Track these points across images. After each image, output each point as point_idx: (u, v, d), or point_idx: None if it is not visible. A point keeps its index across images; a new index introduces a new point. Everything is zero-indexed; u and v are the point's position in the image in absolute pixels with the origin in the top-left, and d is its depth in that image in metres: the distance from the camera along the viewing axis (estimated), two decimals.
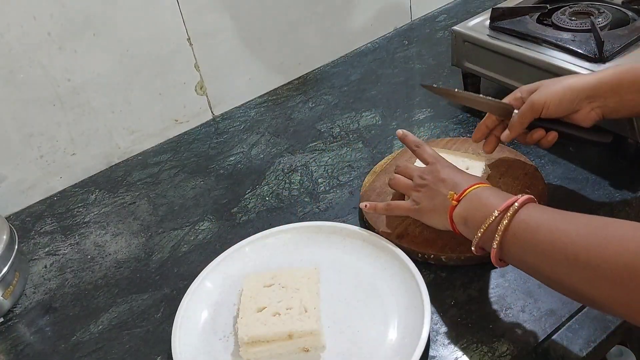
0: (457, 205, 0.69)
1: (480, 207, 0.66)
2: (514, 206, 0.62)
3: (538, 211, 0.62)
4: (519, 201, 0.62)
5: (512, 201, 0.62)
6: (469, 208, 0.68)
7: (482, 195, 0.67)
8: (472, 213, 0.67)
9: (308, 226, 0.82)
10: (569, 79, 0.77)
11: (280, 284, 0.72)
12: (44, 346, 0.77)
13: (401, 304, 0.71)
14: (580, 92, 0.74)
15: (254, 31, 1.13)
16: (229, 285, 0.77)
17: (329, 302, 0.73)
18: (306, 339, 0.67)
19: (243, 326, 0.67)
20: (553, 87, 0.76)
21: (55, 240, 0.93)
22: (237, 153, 1.05)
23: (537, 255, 0.59)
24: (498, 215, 0.62)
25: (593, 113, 0.75)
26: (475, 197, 0.68)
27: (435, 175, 0.74)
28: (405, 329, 0.68)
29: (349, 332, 0.70)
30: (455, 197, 0.69)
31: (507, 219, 0.61)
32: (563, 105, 0.75)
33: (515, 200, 0.62)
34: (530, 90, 0.79)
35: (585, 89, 0.74)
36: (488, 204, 0.65)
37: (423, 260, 0.76)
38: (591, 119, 0.76)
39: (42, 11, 0.91)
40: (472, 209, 0.67)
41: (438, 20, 1.34)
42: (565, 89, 0.75)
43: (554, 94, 0.75)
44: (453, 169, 0.75)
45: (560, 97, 0.75)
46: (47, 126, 0.98)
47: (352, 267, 0.77)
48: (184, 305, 0.74)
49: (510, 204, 0.62)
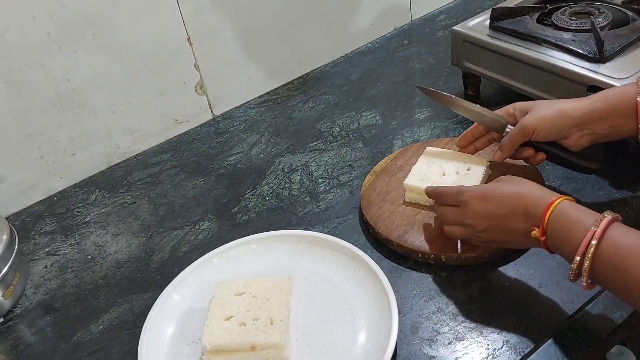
0: (547, 239, 0.64)
1: (567, 238, 0.62)
2: (592, 242, 0.59)
3: (623, 235, 0.60)
4: (599, 230, 0.59)
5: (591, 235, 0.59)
6: (555, 240, 0.64)
7: (564, 222, 0.63)
8: (563, 245, 0.63)
9: (290, 234, 0.82)
10: (560, 103, 0.77)
11: (251, 293, 0.71)
12: (44, 346, 0.77)
13: (371, 322, 0.70)
14: (570, 120, 0.75)
15: (254, 31, 1.13)
16: (204, 290, 0.77)
17: (300, 314, 0.72)
18: (269, 351, 0.66)
19: (207, 334, 0.67)
20: (545, 112, 0.77)
21: (56, 241, 0.93)
22: (237, 153, 1.05)
23: (627, 278, 0.58)
24: (582, 252, 0.60)
25: (582, 140, 0.76)
26: (558, 228, 0.63)
27: (481, 214, 0.69)
28: (372, 348, 0.67)
29: (315, 347, 0.69)
30: (539, 233, 0.64)
31: (592, 250, 0.59)
32: (553, 132, 0.76)
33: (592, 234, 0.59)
34: (523, 109, 0.79)
35: (575, 117, 0.75)
36: (573, 236, 0.61)
37: (423, 261, 0.76)
38: (580, 144, 0.77)
39: (42, 11, 0.91)
40: (561, 239, 0.63)
41: (438, 20, 1.34)
42: (555, 116, 0.75)
43: (544, 120, 0.76)
44: (487, 195, 0.70)
45: (551, 123, 0.75)
46: (47, 126, 0.98)
47: (328, 280, 0.76)
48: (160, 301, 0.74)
49: (591, 236, 0.59)
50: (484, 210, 0.69)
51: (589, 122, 0.75)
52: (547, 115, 0.76)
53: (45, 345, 0.77)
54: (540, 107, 0.78)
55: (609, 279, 0.60)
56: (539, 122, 0.76)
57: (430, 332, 0.69)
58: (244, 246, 0.81)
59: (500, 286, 0.72)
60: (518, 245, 0.72)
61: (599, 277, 0.60)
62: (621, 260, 0.58)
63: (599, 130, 0.75)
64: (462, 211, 0.72)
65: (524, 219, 0.66)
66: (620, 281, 0.58)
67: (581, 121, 0.75)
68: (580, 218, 0.62)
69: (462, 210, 0.72)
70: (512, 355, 0.65)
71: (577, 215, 0.62)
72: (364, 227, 0.84)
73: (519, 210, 0.67)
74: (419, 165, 0.84)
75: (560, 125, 0.75)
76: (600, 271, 0.59)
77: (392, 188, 0.86)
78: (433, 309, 0.71)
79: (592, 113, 0.74)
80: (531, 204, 0.66)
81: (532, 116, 0.77)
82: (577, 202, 0.65)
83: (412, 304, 0.73)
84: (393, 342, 0.65)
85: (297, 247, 0.80)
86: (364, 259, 0.75)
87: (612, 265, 0.59)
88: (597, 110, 0.74)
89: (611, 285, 0.60)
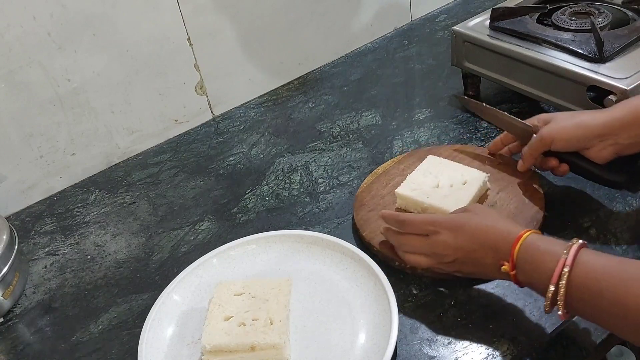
0: (517, 273, 0.63)
1: (538, 270, 0.61)
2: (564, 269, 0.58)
3: (593, 260, 0.59)
4: (569, 257, 0.59)
5: (562, 263, 0.59)
6: (526, 273, 0.63)
7: (533, 254, 0.62)
8: (535, 277, 0.62)
9: (290, 235, 0.82)
10: (582, 115, 0.77)
11: (250, 293, 0.71)
12: (44, 346, 0.77)
13: (370, 323, 0.70)
14: (590, 130, 0.74)
15: (254, 31, 1.13)
16: (204, 290, 0.77)
17: (299, 314, 0.72)
18: (269, 352, 0.66)
19: (207, 334, 0.67)
20: (564, 122, 0.77)
21: (55, 240, 0.93)
22: (237, 153, 1.05)
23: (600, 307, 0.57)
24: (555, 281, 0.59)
25: (605, 152, 0.75)
26: (528, 260, 0.62)
27: (452, 245, 0.68)
28: (372, 348, 0.67)
29: (314, 347, 0.69)
30: (509, 267, 0.63)
31: (565, 278, 0.58)
32: (572, 143, 0.76)
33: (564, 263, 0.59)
34: (545, 120, 0.79)
35: (596, 126, 0.74)
36: (544, 267, 0.60)
37: (400, 269, 0.76)
38: (604, 157, 0.76)
39: (42, 11, 0.91)
40: (533, 271, 0.62)
41: (438, 20, 1.34)
42: (574, 127, 0.75)
43: (562, 131, 0.76)
44: (458, 227, 0.68)
45: (569, 134, 0.75)
46: (47, 126, 0.98)
47: (328, 280, 0.76)
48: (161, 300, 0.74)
49: (562, 264, 0.59)
50: (455, 242, 0.68)
51: (610, 133, 0.74)
52: (567, 125, 0.76)
53: (45, 345, 0.77)
54: (560, 117, 0.78)
55: (586, 304, 0.58)
56: (558, 131, 0.76)
57: (430, 332, 0.69)
58: (243, 246, 0.81)
59: (500, 286, 0.72)
60: (486, 277, 0.70)
61: (575, 303, 0.59)
62: (595, 283, 0.57)
63: (622, 140, 0.74)
64: (430, 241, 0.70)
65: (493, 253, 0.65)
66: (596, 305, 0.57)
67: (602, 131, 0.74)
68: (549, 248, 0.61)
69: (430, 241, 0.70)
70: (512, 355, 0.65)
71: (545, 246, 0.62)
72: (354, 228, 0.84)
73: (488, 244, 0.65)
74: (415, 174, 0.84)
75: (580, 136, 0.75)
76: (575, 297, 0.58)
77: (387, 192, 0.86)
78: (433, 310, 0.71)
79: (613, 122, 0.73)
80: (500, 239, 0.65)
81: (551, 126, 0.77)
82: (577, 202, 0.65)
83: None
84: (393, 342, 0.65)
85: (296, 248, 0.80)
86: (363, 259, 0.75)
87: (587, 289, 0.57)
88: (619, 120, 0.73)
89: (588, 310, 0.59)
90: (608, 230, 0.76)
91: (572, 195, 0.83)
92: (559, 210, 0.80)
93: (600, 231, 0.76)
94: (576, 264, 0.58)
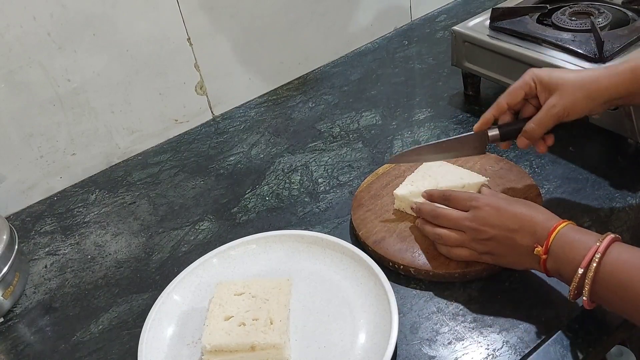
0: (548, 258, 0.65)
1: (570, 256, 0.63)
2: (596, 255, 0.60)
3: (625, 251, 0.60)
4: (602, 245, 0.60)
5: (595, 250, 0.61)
6: (558, 259, 0.64)
7: (567, 241, 0.64)
8: (565, 263, 0.63)
9: (290, 235, 0.82)
10: (587, 83, 0.74)
11: (250, 293, 0.71)
12: (44, 346, 0.77)
13: (371, 322, 0.70)
14: (597, 101, 0.74)
15: (254, 31, 1.13)
16: (204, 290, 0.77)
17: (300, 314, 0.72)
18: (269, 351, 0.66)
19: (207, 334, 0.67)
20: (573, 94, 0.74)
21: (55, 240, 0.93)
22: (237, 153, 1.05)
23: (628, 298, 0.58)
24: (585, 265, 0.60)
25: (600, 109, 0.75)
26: (561, 246, 0.64)
27: (492, 223, 0.69)
28: (372, 348, 0.67)
29: (315, 347, 0.69)
30: (542, 251, 0.65)
31: (595, 265, 0.60)
32: (583, 114, 0.75)
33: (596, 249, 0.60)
34: (546, 87, 0.75)
35: (602, 96, 0.73)
36: (576, 253, 0.62)
37: (394, 270, 0.76)
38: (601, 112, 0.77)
39: (42, 11, 0.91)
40: (564, 257, 0.63)
41: (438, 20, 1.34)
42: (585, 99, 0.73)
43: (576, 104, 0.74)
44: (501, 206, 0.70)
45: (582, 107, 0.74)
46: (47, 126, 0.98)
47: (328, 280, 0.76)
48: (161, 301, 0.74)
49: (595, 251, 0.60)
50: (497, 219, 0.69)
51: (616, 97, 0.73)
52: (577, 97, 0.73)
53: (45, 345, 0.77)
54: (567, 90, 0.74)
55: (612, 294, 0.60)
56: (573, 105, 0.74)
57: (430, 332, 0.69)
58: (243, 246, 0.81)
59: (499, 286, 0.72)
60: (514, 262, 0.70)
61: (601, 292, 0.60)
62: (624, 273, 0.58)
63: (623, 102, 0.75)
64: (471, 216, 0.71)
65: (530, 236, 0.67)
66: (622, 295, 0.59)
67: (609, 98, 0.73)
68: (583, 237, 0.63)
69: (471, 216, 0.71)
70: (511, 355, 0.65)
71: (580, 236, 0.64)
72: (351, 227, 0.84)
73: (528, 228, 0.67)
74: (414, 177, 0.84)
75: (592, 107, 0.74)
76: (602, 287, 0.60)
77: (386, 193, 0.86)
78: (433, 309, 0.71)
79: (618, 88, 0.72)
80: (539, 225, 0.66)
81: (561, 100, 0.74)
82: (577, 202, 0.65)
83: (411, 304, 0.73)
84: (393, 342, 0.65)
85: (296, 247, 0.80)
86: (363, 259, 0.75)
87: (615, 279, 0.59)
88: (622, 84, 0.72)
89: (614, 301, 0.61)
90: (608, 230, 0.76)
91: (571, 195, 0.83)
92: (559, 210, 0.80)
93: (600, 231, 0.76)
94: (607, 253, 0.60)
